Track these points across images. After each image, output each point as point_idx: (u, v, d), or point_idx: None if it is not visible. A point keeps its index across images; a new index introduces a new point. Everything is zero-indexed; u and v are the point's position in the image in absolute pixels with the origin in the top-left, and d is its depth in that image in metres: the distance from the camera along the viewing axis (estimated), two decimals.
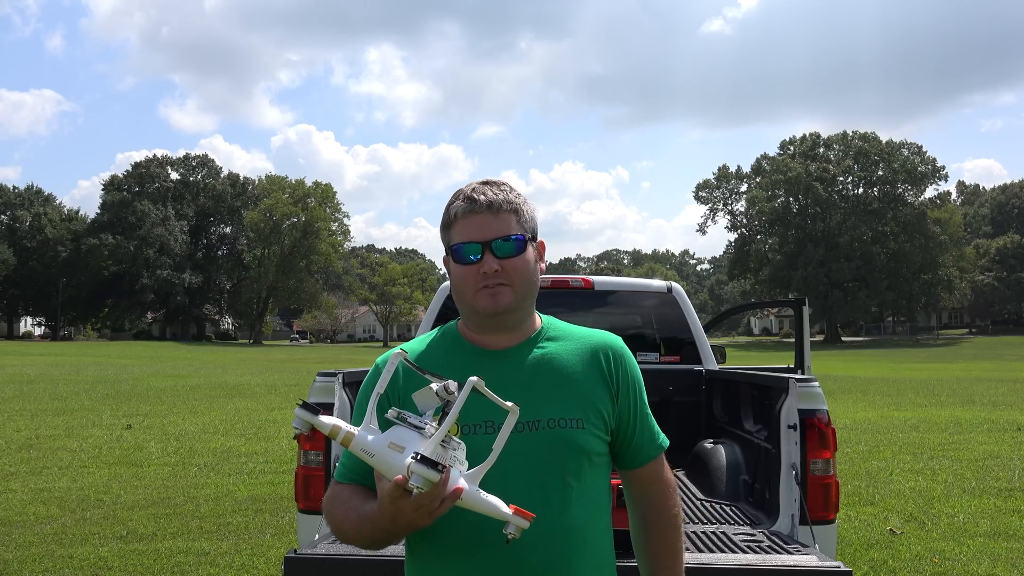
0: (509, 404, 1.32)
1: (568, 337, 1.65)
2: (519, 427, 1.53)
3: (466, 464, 1.32)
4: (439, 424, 1.29)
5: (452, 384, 1.30)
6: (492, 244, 1.54)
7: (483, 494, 1.30)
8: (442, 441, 1.28)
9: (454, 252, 1.57)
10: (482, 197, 1.56)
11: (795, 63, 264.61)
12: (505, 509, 1.29)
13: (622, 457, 1.68)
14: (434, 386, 1.30)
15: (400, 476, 1.24)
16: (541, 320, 1.68)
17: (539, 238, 1.65)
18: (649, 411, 1.70)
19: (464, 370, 1.58)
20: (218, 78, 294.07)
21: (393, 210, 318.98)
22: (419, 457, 1.20)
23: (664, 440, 1.71)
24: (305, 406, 1.31)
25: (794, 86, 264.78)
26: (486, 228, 1.54)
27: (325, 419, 1.31)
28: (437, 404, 1.31)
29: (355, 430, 1.32)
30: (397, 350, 1.40)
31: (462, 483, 1.28)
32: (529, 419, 1.52)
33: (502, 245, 1.54)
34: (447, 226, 1.60)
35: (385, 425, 1.34)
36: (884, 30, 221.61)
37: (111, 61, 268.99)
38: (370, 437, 1.31)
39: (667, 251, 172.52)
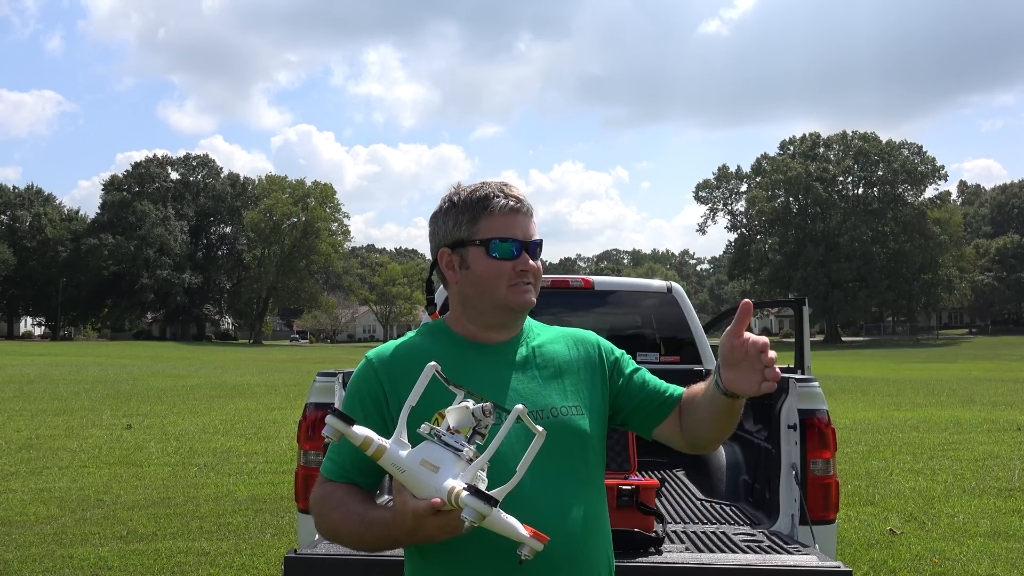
0: (539, 428, 1.33)
1: (551, 332, 1.73)
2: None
3: (487, 481, 1.32)
4: (469, 442, 1.29)
5: (488, 406, 1.30)
6: (529, 245, 1.61)
7: (503, 515, 1.29)
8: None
9: (493, 246, 1.59)
10: (524, 200, 1.63)
11: (791, 64, 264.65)
12: (523, 531, 1.29)
13: (650, 415, 1.71)
14: (470, 405, 1.30)
15: (438, 500, 1.24)
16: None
17: None
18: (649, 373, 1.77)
19: (461, 362, 1.60)
20: (216, 79, 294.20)
21: (393, 210, 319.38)
22: (472, 489, 1.21)
23: (679, 388, 1.75)
24: (338, 414, 1.30)
25: (791, 87, 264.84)
26: (526, 229, 1.62)
27: (358, 430, 1.31)
28: (470, 424, 1.31)
29: (387, 443, 1.31)
30: (431, 363, 1.37)
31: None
32: (533, 409, 1.55)
33: (535, 247, 1.63)
34: (476, 219, 1.60)
35: (415, 439, 1.33)
36: (880, 31, 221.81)
37: (110, 62, 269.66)
38: (402, 452, 1.31)
39: (667, 251, 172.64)
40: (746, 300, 1.46)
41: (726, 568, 2.89)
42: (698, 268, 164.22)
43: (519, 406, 1.31)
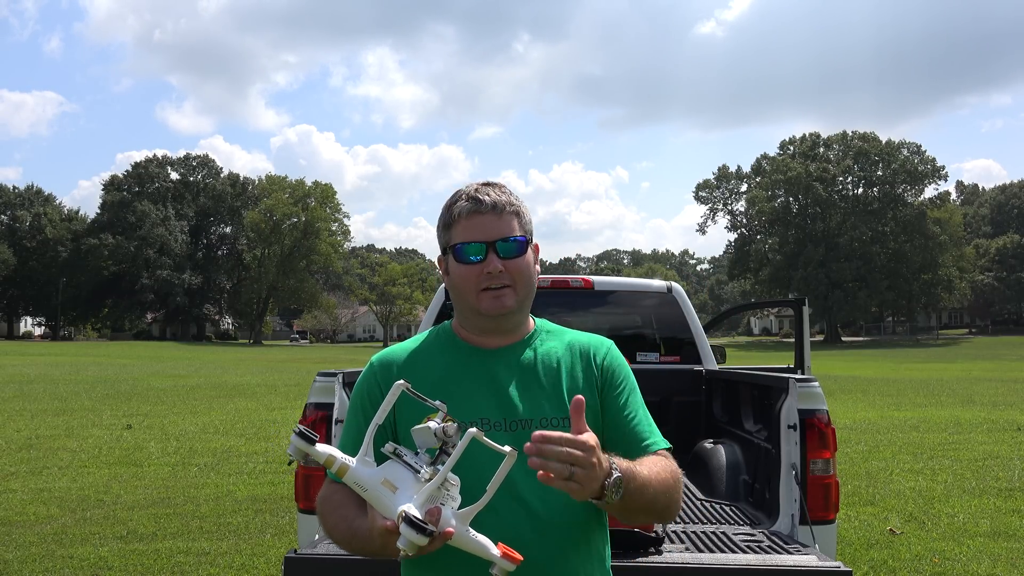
0: (507, 448, 1.30)
1: (560, 338, 1.66)
2: (512, 425, 1.54)
3: (459, 500, 1.31)
4: (433, 464, 1.28)
5: (451, 427, 1.29)
6: (496, 244, 1.55)
7: (472, 533, 1.29)
8: None
9: (456, 251, 1.57)
10: (487, 198, 1.56)
11: (787, 65, 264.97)
12: (494, 551, 1.28)
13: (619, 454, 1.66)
14: (432, 425, 1.29)
15: (391, 522, 1.24)
16: (534, 322, 1.69)
17: (534, 240, 1.66)
18: (646, 411, 1.66)
19: (459, 368, 1.59)
20: (214, 80, 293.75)
21: (393, 210, 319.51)
22: (408, 517, 1.20)
23: (663, 442, 1.64)
24: (300, 434, 1.29)
25: (787, 88, 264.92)
26: (490, 229, 1.55)
27: (321, 448, 1.31)
28: (434, 444, 1.30)
29: (350, 461, 1.32)
30: (398, 381, 1.36)
31: (452, 524, 1.27)
32: (522, 417, 1.53)
33: (505, 246, 1.55)
34: (448, 226, 1.60)
35: (381, 458, 1.33)
36: (876, 32, 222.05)
37: (108, 63, 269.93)
38: (365, 471, 1.31)
39: (667, 251, 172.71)
40: (577, 396, 1.34)
41: (726, 568, 2.89)
42: (698, 268, 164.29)
43: (472, 429, 1.27)
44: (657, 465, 1.52)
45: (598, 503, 1.36)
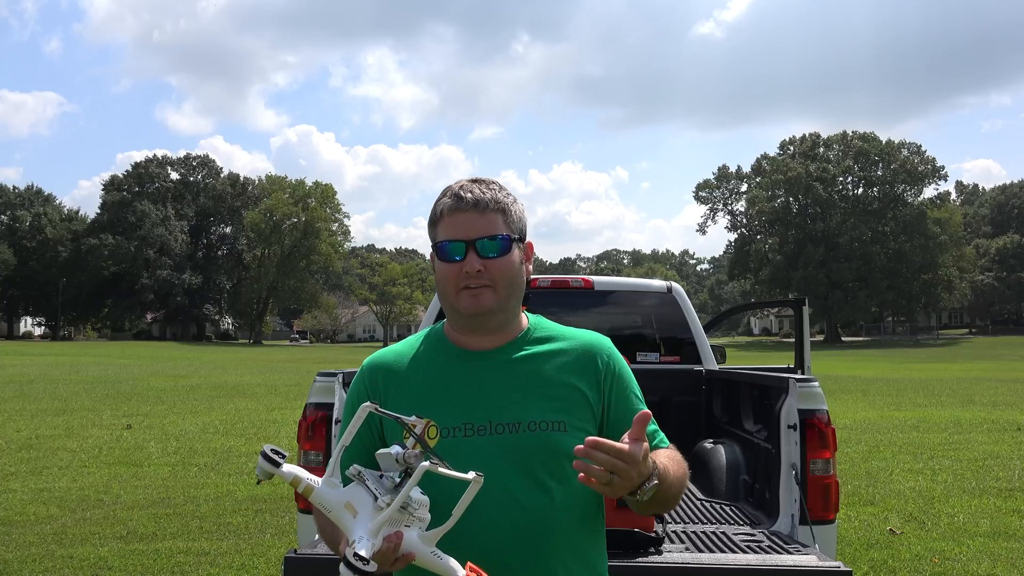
0: (471, 475, 1.28)
1: (555, 338, 1.62)
2: (499, 429, 1.50)
3: (427, 519, 1.30)
4: (397, 487, 1.28)
5: (412, 453, 1.28)
6: (476, 243, 1.51)
7: (437, 555, 1.29)
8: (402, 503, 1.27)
9: (438, 249, 1.55)
10: (469, 195, 1.53)
11: (785, 65, 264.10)
12: (460, 573, 1.28)
13: None
14: (393, 451, 1.29)
15: (345, 549, 1.25)
16: (528, 320, 1.64)
17: (528, 239, 1.62)
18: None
19: (446, 371, 1.57)
20: (214, 80, 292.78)
21: (393, 210, 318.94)
22: (346, 558, 1.20)
23: (666, 440, 1.64)
24: (265, 456, 1.29)
25: (785, 88, 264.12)
26: (471, 227, 1.52)
27: (286, 468, 1.30)
28: (397, 469, 1.30)
29: (315, 482, 1.31)
30: (365, 404, 1.34)
31: (414, 546, 1.27)
32: (510, 421, 1.50)
33: (486, 245, 1.52)
34: (434, 223, 1.57)
35: (347, 479, 1.33)
36: (875, 32, 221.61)
37: (107, 64, 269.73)
38: (328, 493, 1.31)
39: (667, 251, 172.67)
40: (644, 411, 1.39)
41: (726, 568, 2.89)
42: (698, 268, 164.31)
43: (424, 463, 1.25)
44: (678, 464, 1.55)
45: (624, 496, 1.39)
